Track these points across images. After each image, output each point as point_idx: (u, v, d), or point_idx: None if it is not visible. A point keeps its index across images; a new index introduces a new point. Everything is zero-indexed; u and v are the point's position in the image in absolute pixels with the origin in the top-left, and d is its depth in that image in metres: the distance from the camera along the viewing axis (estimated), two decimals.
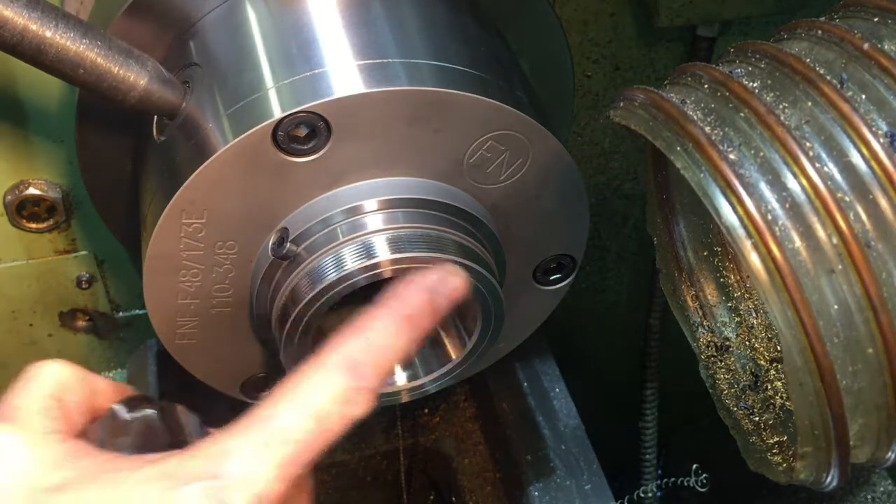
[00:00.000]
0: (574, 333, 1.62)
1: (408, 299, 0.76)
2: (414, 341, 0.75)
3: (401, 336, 0.75)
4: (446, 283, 0.78)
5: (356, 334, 0.73)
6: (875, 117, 0.71)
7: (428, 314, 0.77)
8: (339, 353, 0.72)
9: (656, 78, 1.29)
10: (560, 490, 1.18)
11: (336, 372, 0.70)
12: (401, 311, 0.76)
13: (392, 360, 0.74)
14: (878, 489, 1.29)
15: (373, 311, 0.75)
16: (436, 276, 0.79)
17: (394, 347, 0.74)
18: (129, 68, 0.81)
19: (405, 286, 0.77)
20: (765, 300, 0.70)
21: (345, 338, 0.73)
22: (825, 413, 0.72)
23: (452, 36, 0.90)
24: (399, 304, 0.76)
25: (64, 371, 0.76)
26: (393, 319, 0.75)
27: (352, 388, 0.70)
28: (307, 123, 0.80)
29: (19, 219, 1.18)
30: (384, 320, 0.75)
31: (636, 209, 1.45)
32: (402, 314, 0.75)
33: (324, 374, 0.70)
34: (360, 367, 0.71)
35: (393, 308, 0.76)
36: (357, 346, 0.72)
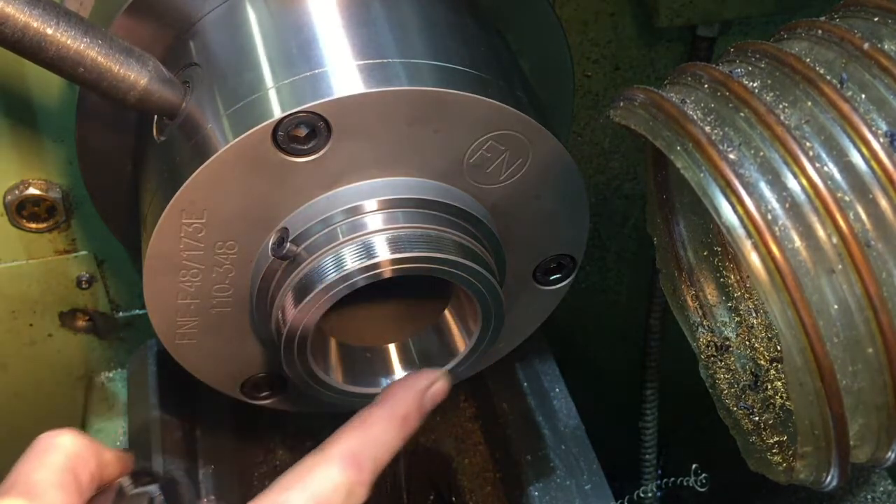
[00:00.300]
0: (574, 333, 1.62)
1: (403, 401, 0.86)
2: (406, 439, 0.84)
3: (397, 435, 0.83)
4: (434, 387, 0.88)
5: (357, 429, 0.82)
6: (875, 117, 0.71)
7: (419, 416, 0.87)
8: (342, 447, 0.79)
9: (656, 78, 1.29)
10: (560, 490, 1.17)
11: (340, 465, 0.78)
12: (397, 411, 0.84)
13: (388, 457, 0.82)
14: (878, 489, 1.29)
15: (372, 409, 0.84)
16: (426, 380, 0.88)
17: (390, 445, 0.83)
18: (129, 67, 0.81)
19: (400, 388, 0.87)
20: (765, 300, 0.70)
21: (347, 432, 0.82)
22: (825, 413, 0.72)
23: (452, 36, 0.90)
24: (396, 404, 0.85)
25: (77, 443, 0.79)
26: (391, 418, 0.84)
27: (354, 482, 0.77)
28: (307, 123, 0.80)
29: (19, 219, 1.18)
30: (383, 419, 0.83)
31: (636, 209, 1.45)
32: (399, 414, 0.84)
33: (329, 467, 0.78)
34: (362, 463, 0.79)
35: (390, 408, 0.84)
36: (358, 441, 0.81)
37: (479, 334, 0.93)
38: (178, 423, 1.22)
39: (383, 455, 0.81)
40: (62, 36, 0.79)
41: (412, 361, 0.99)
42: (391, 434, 0.83)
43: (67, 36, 0.79)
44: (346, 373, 0.96)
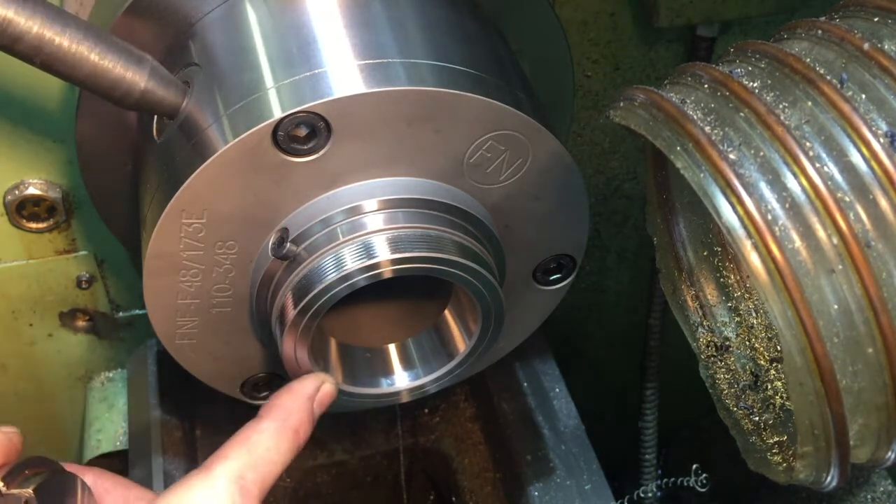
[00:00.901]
0: (574, 333, 1.62)
1: (292, 411, 0.80)
2: (297, 452, 0.79)
3: (288, 451, 0.78)
4: (322, 390, 0.84)
5: (244, 447, 0.76)
6: (875, 117, 0.71)
7: (309, 423, 0.82)
8: (227, 469, 0.74)
9: (656, 78, 1.29)
10: (560, 490, 1.18)
11: (224, 489, 0.73)
12: (288, 423, 0.79)
13: (278, 473, 0.77)
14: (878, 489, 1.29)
15: (259, 423, 0.79)
16: (312, 385, 0.84)
17: (280, 461, 0.78)
18: (128, 68, 0.81)
19: (289, 396, 0.82)
20: (765, 300, 0.70)
21: (233, 449, 0.76)
22: (825, 413, 0.72)
23: (452, 36, 0.91)
24: (286, 416, 0.80)
25: None
26: (281, 433, 0.78)
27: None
28: (307, 123, 0.80)
29: (19, 219, 1.18)
30: (273, 434, 0.78)
31: (636, 209, 1.45)
32: (290, 426, 0.79)
33: (213, 492, 0.73)
34: (247, 486, 0.74)
35: (280, 420, 0.79)
36: (245, 460, 0.75)
37: (479, 334, 0.93)
38: (178, 423, 1.22)
39: (273, 472, 0.78)
40: (60, 38, 0.79)
41: (412, 362, 0.99)
42: (282, 449, 0.78)
43: (66, 37, 0.79)
44: (346, 373, 0.96)
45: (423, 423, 1.37)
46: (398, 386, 0.97)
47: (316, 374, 0.87)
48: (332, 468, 1.38)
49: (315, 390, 0.84)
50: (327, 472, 1.38)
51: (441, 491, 1.40)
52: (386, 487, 1.42)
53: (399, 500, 1.41)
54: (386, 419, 1.37)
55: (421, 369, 0.98)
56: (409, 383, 0.97)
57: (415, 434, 1.37)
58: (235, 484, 0.74)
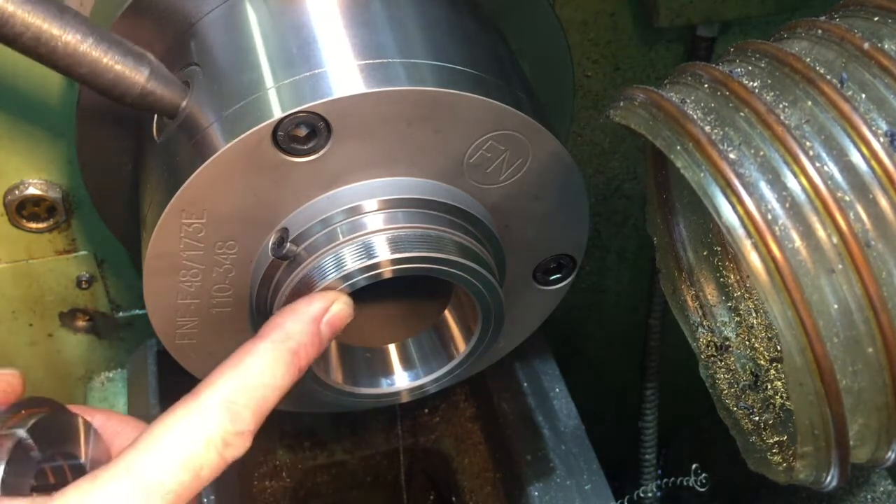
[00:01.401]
0: (574, 333, 1.62)
1: (293, 332, 0.74)
2: (298, 376, 0.73)
3: (285, 374, 0.73)
4: (332, 311, 0.78)
5: (235, 369, 0.71)
6: (875, 117, 0.71)
7: (314, 346, 0.75)
8: (216, 394, 0.69)
9: (656, 78, 1.29)
10: (560, 490, 1.18)
11: (213, 416, 0.68)
12: (286, 344, 0.73)
13: (274, 400, 0.72)
14: (878, 489, 1.29)
15: (255, 343, 0.73)
16: (320, 302, 0.77)
17: (276, 387, 0.72)
18: (129, 65, 0.81)
19: (290, 316, 0.75)
20: (765, 300, 0.70)
21: (223, 372, 0.71)
22: (825, 413, 0.72)
23: (452, 36, 0.91)
24: (283, 336, 0.74)
25: None
26: (277, 355, 0.73)
27: (229, 433, 0.68)
28: (307, 123, 0.80)
29: (19, 219, 1.18)
30: (267, 356, 0.72)
31: (636, 209, 1.45)
32: (288, 348, 0.73)
33: (200, 418, 0.68)
34: (239, 412, 0.69)
35: (277, 341, 0.73)
36: (235, 384, 0.70)
37: (479, 334, 0.93)
38: None
39: (268, 397, 0.71)
40: (62, 33, 0.79)
41: (412, 362, 0.99)
42: (279, 373, 0.72)
43: (67, 34, 0.79)
44: (346, 373, 0.96)
45: (423, 423, 1.37)
46: (398, 386, 0.98)
47: (325, 293, 0.80)
48: (332, 468, 1.38)
49: (323, 311, 0.78)
50: (327, 472, 1.38)
51: (441, 491, 1.40)
52: (386, 487, 1.42)
53: (399, 500, 1.42)
54: (386, 419, 1.37)
55: (421, 369, 0.98)
56: (409, 383, 0.97)
57: (415, 434, 1.37)
58: (225, 409, 0.69)
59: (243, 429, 0.69)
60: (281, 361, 0.73)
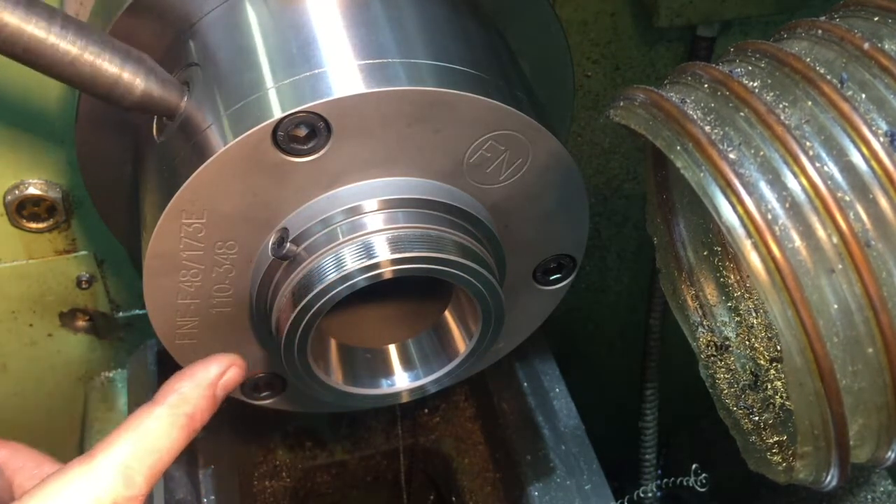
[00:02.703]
0: (574, 333, 1.62)
1: (190, 396, 0.76)
2: (192, 437, 0.75)
3: (180, 437, 0.74)
4: (227, 376, 0.79)
5: (132, 434, 0.72)
6: (875, 117, 0.71)
7: (209, 409, 0.77)
8: (112, 458, 0.70)
9: (656, 78, 1.29)
10: (560, 490, 1.18)
11: (107, 480, 0.69)
12: (182, 409, 0.75)
13: (168, 462, 0.73)
14: (878, 489, 1.29)
15: (152, 408, 0.75)
16: (217, 367, 0.79)
17: (171, 449, 0.74)
18: (125, 69, 0.81)
19: (188, 380, 0.77)
20: (765, 300, 0.70)
21: (120, 437, 0.72)
22: (825, 413, 0.72)
23: (452, 36, 0.91)
24: (180, 401, 0.75)
25: None
26: (174, 420, 0.74)
27: (121, 498, 0.69)
28: (307, 123, 0.80)
29: (19, 219, 1.18)
30: (164, 421, 0.74)
31: (636, 209, 1.45)
32: (184, 412, 0.75)
33: (94, 481, 0.69)
34: (133, 477, 0.70)
35: (174, 406, 0.75)
36: (132, 449, 0.71)
37: (480, 335, 0.93)
38: None
39: (163, 461, 0.73)
40: (56, 39, 0.78)
41: (412, 362, 0.99)
42: (174, 436, 0.74)
43: (62, 39, 0.78)
44: (346, 373, 0.96)
45: (423, 423, 1.37)
46: (398, 386, 0.97)
47: (220, 358, 0.81)
48: (332, 468, 1.38)
49: (219, 376, 0.79)
50: (327, 472, 1.38)
51: (441, 491, 1.40)
52: (386, 487, 1.42)
53: (399, 500, 1.42)
54: (386, 419, 1.37)
55: (421, 370, 0.98)
56: (410, 384, 0.97)
57: (415, 434, 1.37)
58: (120, 473, 0.70)
59: (136, 493, 0.71)
60: (177, 426, 0.75)
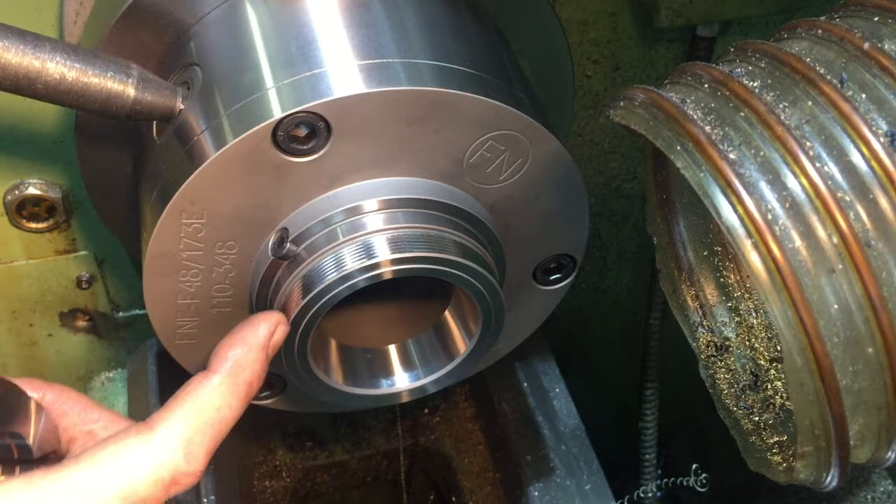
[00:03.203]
0: (574, 333, 1.62)
1: (245, 362, 0.75)
2: (249, 402, 0.74)
3: (240, 407, 0.73)
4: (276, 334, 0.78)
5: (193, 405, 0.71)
6: (875, 117, 0.71)
7: (263, 372, 0.76)
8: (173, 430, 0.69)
9: (656, 78, 1.29)
10: (560, 490, 1.18)
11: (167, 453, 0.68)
12: (240, 376, 0.74)
13: (226, 433, 0.72)
14: (878, 489, 1.29)
15: (209, 378, 0.73)
16: (266, 327, 0.77)
17: (231, 419, 0.73)
18: (115, 83, 0.81)
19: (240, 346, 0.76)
20: (765, 300, 0.70)
21: (179, 408, 0.71)
22: (825, 413, 0.72)
23: (452, 36, 0.91)
24: (236, 368, 0.74)
25: None
26: (233, 388, 0.73)
27: (181, 472, 0.69)
28: (307, 123, 0.80)
29: (19, 219, 1.18)
30: (224, 389, 0.73)
31: (636, 209, 1.45)
32: (243, 380, 0.74)
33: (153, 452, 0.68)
34: (194, 452, 0.69)
35: (232, 374, 0.74)
36: (194, 423, 0.70)
37: (480, 335, 0.93)
38: None
39: (223, 431, 0.72)
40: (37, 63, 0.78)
41: (412, 362, 0.99)
42: (233, 407, 0.73)
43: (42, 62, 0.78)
44: (346, 374, 0.96)
45: (423, 423, 1.37)
46: (398, 387, 0.97)
47: (268, 316, 0.80)
48: (332, 468, 1.38)
49: (269, 336, 0.78)
50: (327, 472, 1.38)
51: (441, 491, 1.40)
52: (386, 487, 1.42)
53: (399, 500, 1.42)
54: (386, 419, 1.37)
55: (421, 370, 0.98)
56: (410, 384, 0.97)
57: (415, 434, 1.37)
58: (181, 448, 0.69)
59: (196, 469, 0.70)
60: (235, 395, 0.74)
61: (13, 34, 0.78)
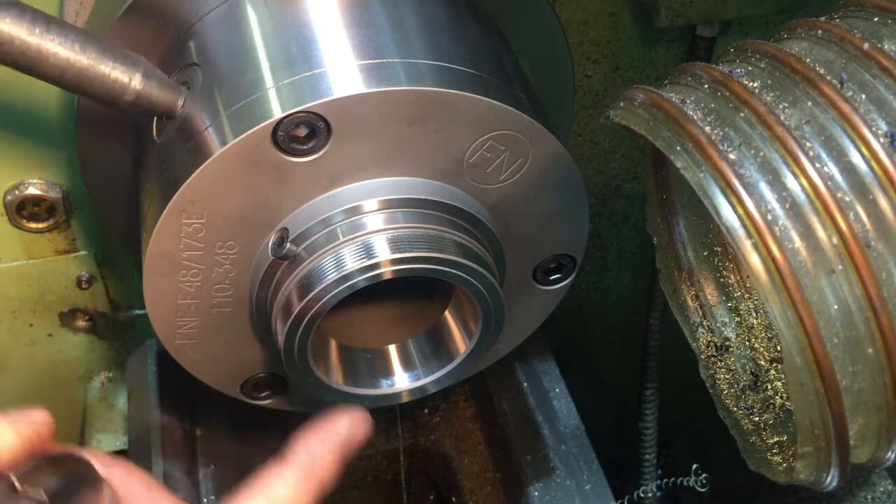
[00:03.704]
0: (574, 333, 1.62)
1: (319, 457, 0.74)
2: (322, 495, 0.74)
3: (311, 499, 0.73)
4: (354, 433, 0.77)
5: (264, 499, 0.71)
6: (875, 117, 0.71)
7: (338, 467, 0.75)
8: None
9: (656, 78, 1.29)
10: (560, 490, 1.18)
11: None
12: (312, 472, 0.74)
13: None
14: (878, 489, 1.29)
15: (283, 471, 0.74)
16: (344, 427, 0.76)
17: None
18: (119, 70, 0.81)
19: (317, 441, 0.75)
20: (765, 300, 0.70)
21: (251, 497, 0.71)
22: (825, 413, 0.72)
23: (452, 36, 0.91)
24: (310, 462, 0.74)
25: None
26: (306, 486, 0.73)
27: None
28: (307, 123, 0.80)
29: (19, 219, 1.18)
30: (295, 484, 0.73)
31: (636, 209, 1.45)
32: (315, 474, 0.74)
33: None
34: None
35: (306, 468, 0.74)
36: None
37: (480, 335, 0.93)
38: (178, 424, 1.22)
39: None
40: (47, 44, 0.78)
41: (412, 363, 0.99)
42: (305, 500, 0.73)
43: (53, 43, 0.78)
44: (346, 374, 0.96)
45: (423, 423, 1.37)
46: (398, 387, 0.98)
47: (349, 413, 0.79)
48: None
49: (348, 433, 0.77)
50: None
51: (441, 491, 1.40)
52: (386, 487, 1.42)
53: (399, 500, 1.41)
54: (386, 419, 1.37)
55: (421, 370, 0.98)
56: (410, 384, 0.97)
57: (415, 434, 1.37)
58: None
59: None
60: (307, 490, 0.73)
61: (26, 12, 0.78)
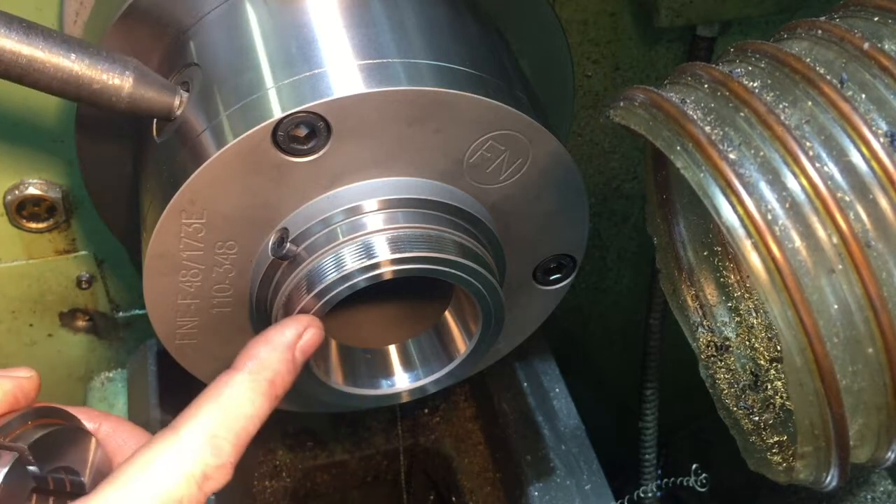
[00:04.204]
0: (574, 333, 1.62)
1: (268, 361, 0.75)
2: (276, 404, 0.74)
3: (263, 404, 0.74)
4: (304, 338, 0.78)
5: (216, 402, 0.72)
6: (875, 117, 0.71)
7: (289, 374, 0.76)
8: (197, 427, 0.70)
9: (656, 78, 1.29)
10: (560, 490, 1.18)
11: (194, 450, 0.69)
12: (262, 374, 0.74)
13: (254, 430, 0.73)
14: (878, 489, 1.29)
15: (232, 375, 0.74)
16: (293, 329, 0.78)
17: (256, 416, 0.73)
18: (110, 74, 0.81)
19: (264, 346, 0.76)
20: (765, 300, 0.70)
21: (203, 406, 0.72)
22: (825, 413, 0.72)
23: (452, 36, 0.91)
24: (259, 367, 0.75)
25: None
26: (255, 386, 0.73)
27: (210, 467, 0.69)
28: (307, 123, 0.80)
29: (19, 219, 1.18)
30: (245, 386, 0.73)
31: (636, 209, 1.45)
32: (265, 378, 0.74)
33: (180, 452, 0.68)
34: (220, 445, 0.70)
35: (254, 372, 0.74)
36: (217, 417, 0.71)
37: (480, 335, 0.93)
38: None
39: (249, 429, 0.72)
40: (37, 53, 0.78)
41: (412, 363, 0.99)
42: (256, 404, 0.73)
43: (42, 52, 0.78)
44: (346, 374, 0.96)
45: (423, 423, 1.37)
46: (398, 387, 0.97)
47: (297, 318, 0.80)
48: (332, 468, 1.38)
49: (296, 338, 0.78)
50: (327, 472, 1.38)
51: (441, 491, 1.40)
52: (386, 487, 1.42)
53: (399, 500, 1.41)
54: (386, 419, 1.37)
55: (421, 370, 0.98)
56: (410, 384, 0.97)
57: (415, 434, 1.37)
58: (207, 443, 0.70)
59: (225, 461, 0.70)
60: (259, 392, 0.74)
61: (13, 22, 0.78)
